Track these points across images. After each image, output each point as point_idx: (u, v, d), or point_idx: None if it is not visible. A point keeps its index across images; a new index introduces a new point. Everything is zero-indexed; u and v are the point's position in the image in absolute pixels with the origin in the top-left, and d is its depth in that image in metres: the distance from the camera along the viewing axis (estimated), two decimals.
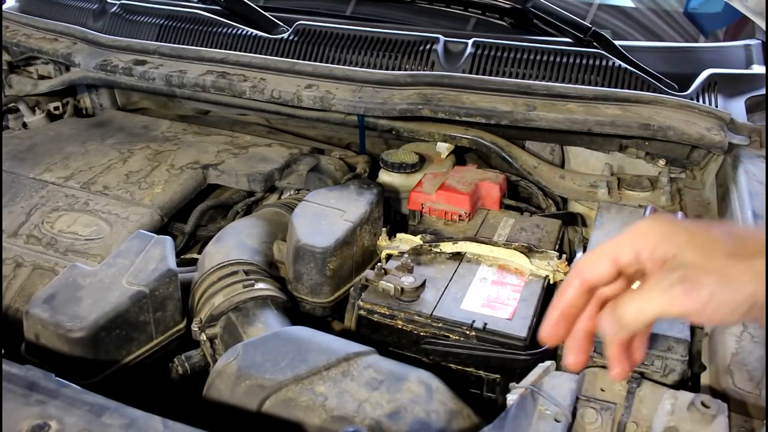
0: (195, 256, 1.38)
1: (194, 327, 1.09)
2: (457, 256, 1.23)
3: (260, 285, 1.14)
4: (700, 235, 0.59)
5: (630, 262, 0.62)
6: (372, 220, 1.28)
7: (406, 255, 1.20)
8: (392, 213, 1.50)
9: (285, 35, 1.64)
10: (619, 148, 1.48)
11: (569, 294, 0.66)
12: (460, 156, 1.65)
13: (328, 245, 1.18)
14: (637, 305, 0.60)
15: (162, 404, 0.87)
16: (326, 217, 1.25)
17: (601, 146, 1.50)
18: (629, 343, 0.66)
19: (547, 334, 0.68)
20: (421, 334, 1.09)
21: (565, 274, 1.18)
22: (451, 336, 1.07)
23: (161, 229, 1.34)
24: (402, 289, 1.11)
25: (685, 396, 0.80)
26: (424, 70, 1.51)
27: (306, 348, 0.94)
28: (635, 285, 0.66)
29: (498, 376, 1.05)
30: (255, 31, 1.67)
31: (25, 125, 1.79)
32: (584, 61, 1.47)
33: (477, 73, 1.49)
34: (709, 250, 0.58)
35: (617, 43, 1.53)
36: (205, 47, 1.66)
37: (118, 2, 1.86)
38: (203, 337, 1.09)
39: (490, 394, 1.07)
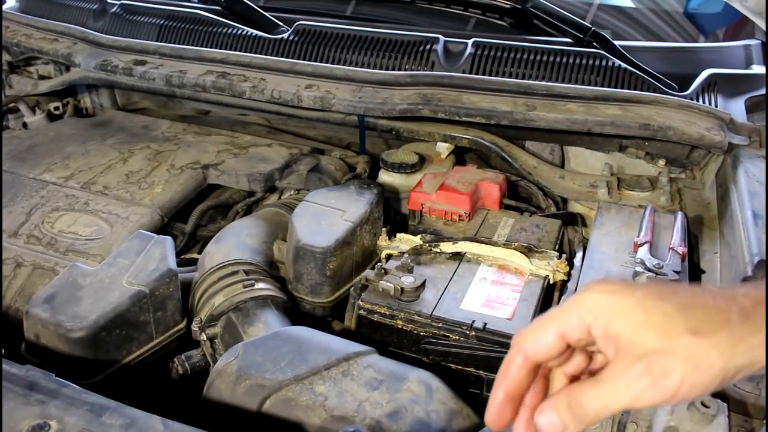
0: (195, 256, 1.38)
1: (194, 327, 1.09)
2: (457, 256, 1.23)
3: (260, 285, 1.14)
4: (656, 311, 0.54)
5: (579, 337, 0.56)
6: (372, 220, 1.28)
7: (406, 255, 1.20)
8: (392, 213, 1.50)
9: (285, 35, 1.64)
10: (619, 148, 1.48)
11: (513, 373, 0.60)
12: (460, 156, 1.65)
13: (328, 245, 1.18)
14: (600, 400, 0.54)
15: (162, 404, 0.87)
16: (326, 217, 1.25)
17: (601, 146, 1.50)
18: None
19: (493, 419, 0.61)
20: (421, 334, 1.09)
21: (565, 274, 1.18)
22: (451, 336, 1.07)
23: (161, 229, 1.34)
24: (402, 289, 1.11)
25: None
26: (424, 70, 1.51)
27: (306, 348, 0.94)
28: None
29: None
30: (255, 31, 1.67)
31: (25, 125, 1.79)
32: (584, 61, 1.47)
33: (477, 73, 1.50)
34: (670, 330, 0.53)
35: (617, 43, 1.53)
36: (206, 47, 1.66)
37: (118, 2, 1.86)
38: (203, 337, 1.09)
39: (490, 394, 1.07)
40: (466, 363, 1.07)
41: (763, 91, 1.44)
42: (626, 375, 0.53)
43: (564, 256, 1.21)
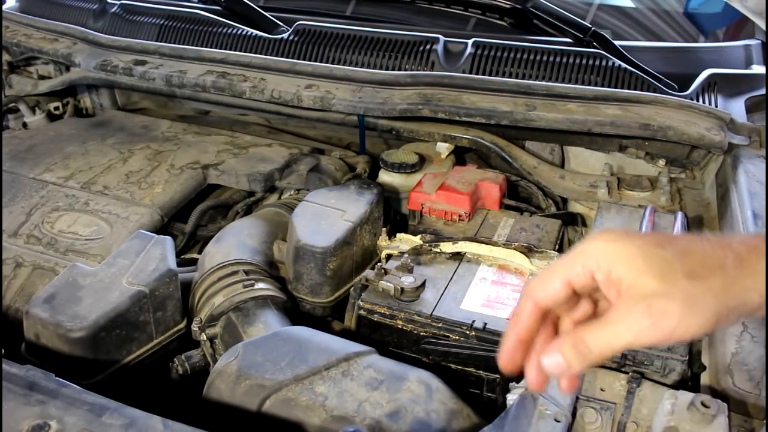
0: (195, 256, 1.38)
1: (194, 327, 1.09)
2: (457, 256, 1.23)
3: (260, 285, 1.14)
4: (656, 257, 0.58)
5: (584, 283, 0.60)
6: (372, 220, 1.28)
7: (406, 255, 1.20)
8: (392, 213, 1.50)
9: (285, 35, 1.64)
10: (619, 148, 1.48)
11: (523, 319, 0.63)
12: (460, 156, 1.65)
13: (328, 245, 1.18)
14: (603, 339, 0.58)
15: (162, 404, 0.87)
16: (326, 217, 1.25)
17: (601, 146, 1.50)
18: None
19: (505, 362, 0.64)
20: (421, 334, 1.09)
21: None
22: (451, 336, 1.07)
23: (161, 229, 1.34)
24: (402, 289, 1.11)
25: (685, 396, 0.80)
26: (424, 70, 1.51)
27: (306, 348, 0.94)
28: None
29: (498, 376, 1.05)
30: (255, 31, 1.67)
31: (25, 125, 1.79)
32: (584, 61, 1.47)
33: (477, 73, 1.49)
34: (668, 275, 0.57)
35: (617, 43, 1.53)
36: (205, 47, 1.66)
37: (118, 2, 1.86)
38: (203, 337, 1.09)
39: (490, 394, 1.07)
40: (466, 363, 1.07)
41: (763, 91, 1.44)
42: (628, 316, 0.56)
43: None
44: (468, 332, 1.06)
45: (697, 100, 1.41)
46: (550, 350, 0.60)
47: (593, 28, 1.53)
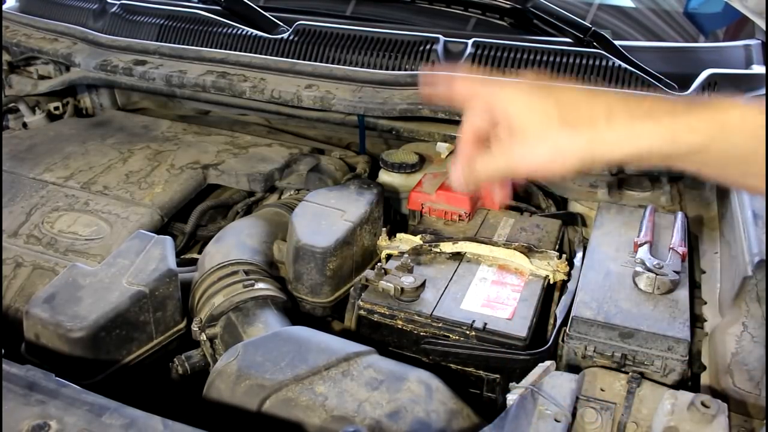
0: (195, 256, 1.38)
1: (194, 327, 1.09)
2: (457, 256, 1.23)
3: (260, 285, 1.14)
4: (541, 104, 0.69)
5: (485, 104, 0.73)
6: (372, 220, 1.28)
7: (406, 255, 1.20)
8: (392, 213, 1.50)
9: (285, 35, 1.64)
10: None
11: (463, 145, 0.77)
12: None
13: (328, 245, 1.18)
14: (484, 163, 0.73)
15: (162, 404, 0.87)
16: (326, 217, 1.25)
17: None
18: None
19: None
20: (421, 334, 1.09)
21: (566, 274, 1.18)
22: (451, 336, 1.07)
23: (161, 229, 1.34)
24: (402, 289, 1.11)
25: (685, 396, 0.80)
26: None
27: (306, 348, 0.94)
28: None
29: (498, 376, 1.05)
30: (255, 31, 1.67)
31: (25, 125, 1.79)
32: (584, 61, 1.47)
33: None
34: (546, 121, 0.69)
35: (617, 43, 1.53)
36: (205, 47, 1.66)
37: (118, 2, 1.86)
38: (203, 337, 1.09)
39: (490, 394, 1.07)
40: (466, 363, 1.07)
41: (763, 91, 1.44)
42: (506, 146, 0.72)
43: (564, 256, 1.21)
44: (468, 332, 1.06)
45: None
46: (455, 169, 0.76)
47: (593, 28, 1.53)
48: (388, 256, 1.27)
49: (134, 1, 1.86)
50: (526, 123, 0.69)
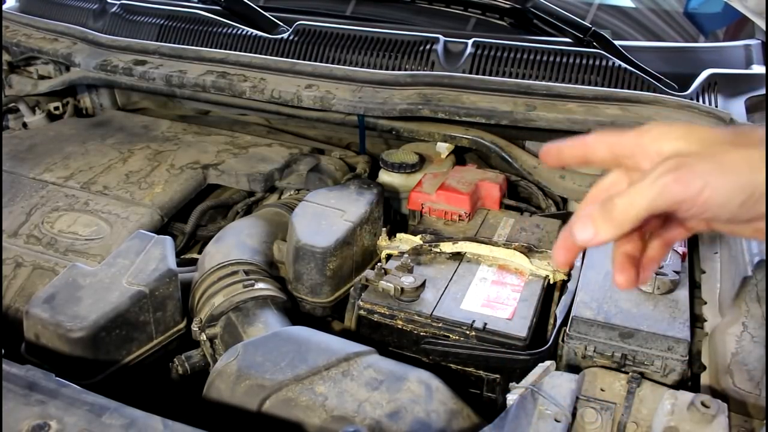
0: (195, 256, 1.38)
1: (194, 327, 1.09)
2: (457, 256, 1.23)
3: (260, 285, 1.14)
4: (701, 130, 0.57)
5: (629, 150, 0.60)
6: (372, 220, 1.28)
7: (406, 255, 1.20)
8: (392, 213, 1.50)
9: (285, 35, 1.64)
10: None
11: (580, 143, 0.65)
12: (460, 156, 1.65)
13: (328, 245, 1.18)
14: (627, 198, 0.56)
15: (162, 404, 0.87)
16: (326, 217, 1.25)
17: None
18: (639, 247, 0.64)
19: (551, 155, 0.68)
20: (421, 334, 1.09)
21: (565, 274, 1.18)
22: (451, 336, 1.07)
23: (161, 229, 1.34)
24: (402, 289, 1.11)
25: (685, 396, 0.80)
26: (424, 70, 1.51)
27: (306, 348, 0.94)
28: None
29: (498, 376, 1.05)
30: (255, 31, 1.67)
31: (25, 125, 1.79)
32: (584, 61, 1.47)
33: (477, 73, 1.49)
34: (706, 140, 0.55)
35: (617, 43, 1.53)
36: (205, 47, 1.66)
37: (118, 2, 1.86)
38: (203, 337, 1.09)
39: (490, 394, 1.07)
40: (466, 363, 1.07)
41: (763, 91, 1.44)
42: (653, 172, 0.54)
43: None
44: (468, 332, 1.06)
45: (697, 100, 1.41)
46: (581, 217, 0.58)
47: (593, 28, 1.53)
48: (388, 256, 1.27)
49: (134, 1, 1.86)
50: (683, 145, 0.56)
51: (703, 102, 1.41)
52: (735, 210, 0.54)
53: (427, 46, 1.54)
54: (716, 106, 1.39)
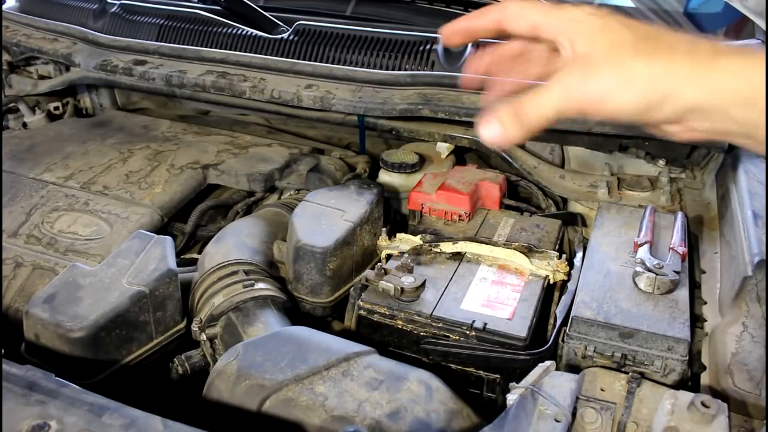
0: (195, 256, 1.38)
1: (194, 327, 1.09)
2: (457, 256, 1.23)
3: (260, 285, 1.14)
4: (614, 32, 0.58)
5: (549, 35, 0.61)
6: (372, 220, 1.28)
7: (406, 255, 1.20)
8: (392, 213, 1.50)
9: (285, 35, 1.64)
10: (619, 148, 1.48)
11: (483, 17, 0.67)
12: (460, 156, 1.65)
13: (328, 245, 1.18)
14: (536, 100, 0.58)
15: (162, 404, 0.87)
16: (326, 217, 1.25)
17: (601, 146, 1.50)
18: None
19: (446, 31, 0.71)
20: (421, 334, 1.09)
21: (566, 274, 1.18)
22: (451, 336, 1.07)
23: (161, 229, 1.34)
24: (402, 289, 1.11)
25: (685, 396, 0.80)
26: (424, 70, 1.51)
27: (306, 348, 0.94)
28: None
29: (498, 376, 1.05)
30: (255, 31, 1.67)
31: (25, 125, 1.79)
32: None
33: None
34: (617, 47, 0.56)
35: None
36: (205, 47, 1.66)
37: (118, 2, 1.86)
38: (203, 337, 1.09)
39: (490, 394, 1.07)
40: (466, 363, 1.07)
41: None
42: (563, 72, 0.57)
43: (564, 256, 1.21)
44: (468, 332, 1.06)
45: None
46: (490, 119, 0.60)
47: None
48: (388, 256, 1.27)
49: (134, 1, 1.86)
50: (592, 46, 0.57)
51: None
52: (637, 117, 0.57)
53: (427, 46, 1.54)
54: None
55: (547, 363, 0.90)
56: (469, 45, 1.49)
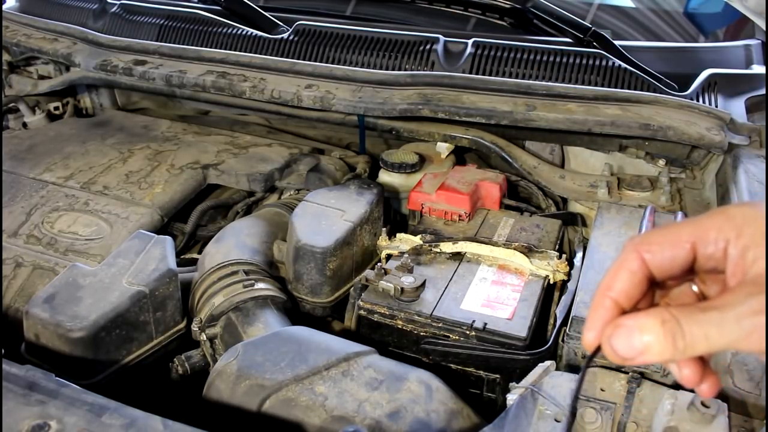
0: (195, 256, 1.38)
1: (194, 327, 1.09)
2: (457, 256, 1.23)
3: (260, 285, 1.14)
4: None
5: (711, 254, 0.45)
6: (372, 220, 1.28)
7: (406, 255, 1.20)
8: (392, 213, 1.50)
9: (285, 35, 1.64)
10: (619, 148, 1.48)
11: (623, 278, 0.47)
12: (460, 156, 1.65)
13: (328, 245, 1.18)
14: (703, 329, 0.42)
15: (162, 404, 0.87)
16: (326, 217, 1.25)
17: (601, 146, 1.50)
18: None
19: (591, 336, 0.49)
20: (421, 334, 1.09)
21: (565, 274, 1.18)
22: (451, 336, 1.07)
23: (161, 229, 1.34)
24: (402, 289, 1.11)
25: (685, 396, 0.80)
26: (424, 70, 1.51)
27: (306, 348, 0.94)
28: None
29: (498, 376, 1.05)
30: (255, 31, 1.67)
31: (25, 125, 1.79)
32: (584, 61, 1.47)
33: (477, 73, 1.49)
34: None
35: (617, 43, 1.53)
36: (205, 47, 1.66)
37: (118, 2, 1.86)
38: (203, 337, 1.09)
39: (490, 394, 1.07)
40: (466, 363, 1.07)
41: (763, 91, 1.44)
42: (742, 305, 0.41)
43: (564, 256, 1.21)
44: (468, 332, 1.06)
45: (697, 100, 1.41)
46: (632, 327, 0.44)
47: (593, 28, 1.53)
48: (388, 256, 1.27)
49: (134, 1, 1.86)
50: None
51: (703, 102, 1.41)
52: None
53: (427, 46, 1.54)
54: (716, 106, 1.39)
55: (547, 363, 0.90)
56: None
